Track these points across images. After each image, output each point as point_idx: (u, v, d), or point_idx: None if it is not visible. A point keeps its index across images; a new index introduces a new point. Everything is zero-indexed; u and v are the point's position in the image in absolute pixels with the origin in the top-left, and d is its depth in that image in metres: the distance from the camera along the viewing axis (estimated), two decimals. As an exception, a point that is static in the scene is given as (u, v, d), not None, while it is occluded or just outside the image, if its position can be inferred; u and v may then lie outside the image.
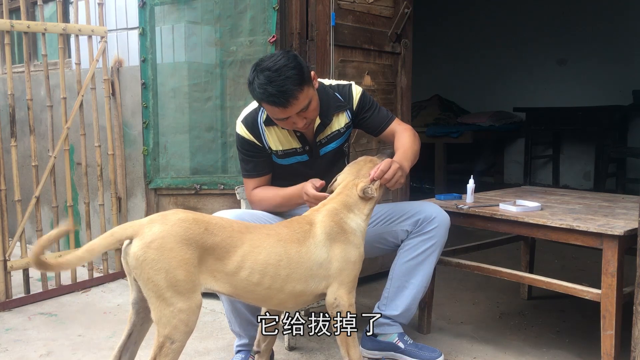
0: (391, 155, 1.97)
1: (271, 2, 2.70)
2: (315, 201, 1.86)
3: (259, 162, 2.05)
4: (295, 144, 2.04)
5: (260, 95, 1.82)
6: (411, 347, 2.10)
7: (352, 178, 1.84)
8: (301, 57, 1.89)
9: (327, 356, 2.22)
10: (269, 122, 2.01)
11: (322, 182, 1.91)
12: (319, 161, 2.08)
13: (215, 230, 1.56)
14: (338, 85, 2.12)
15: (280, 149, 2.04)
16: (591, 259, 3.46)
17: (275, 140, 2.03)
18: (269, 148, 2.04)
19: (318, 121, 2.02)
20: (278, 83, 1.77)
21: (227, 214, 1.92)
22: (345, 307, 1.71)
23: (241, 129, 2.03)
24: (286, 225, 1.72)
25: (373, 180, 1.80)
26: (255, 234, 1.63)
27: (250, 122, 2.03)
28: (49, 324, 2.61)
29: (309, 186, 1.90)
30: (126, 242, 1.51)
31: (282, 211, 2.09)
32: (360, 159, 1.94)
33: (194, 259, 1.51)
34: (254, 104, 2.05)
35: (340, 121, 2.09)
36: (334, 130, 2.08)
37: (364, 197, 1.79)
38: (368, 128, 2.17)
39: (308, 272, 1.66)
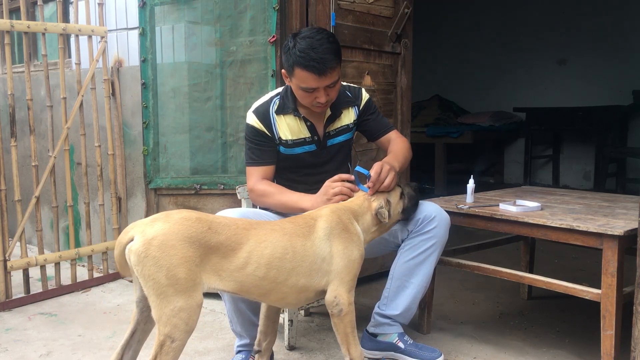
0: None
1: (271, 2, 2.70)
2: (340, 182, 1.91)
3: (266, 150, 2.08)
4: (305, 134, 2.09)
5: (300, 60, 1.89)
6: (411, 347, 2.10)
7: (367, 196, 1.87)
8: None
9: (327, 356, 2.22)
10: (280, 110, 2.07)
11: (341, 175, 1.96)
12: (325, 152, 2.13)
13: (219, 229, 1.56)
14: (348, 85, 2.23)
15: (290, 138, 2.08)
16: (591, 259, 3.46)
17: (285, 129, 2.07)
18: (279, 138, 2.07)
19: (329, 112, 2.10)
20: (320, 50, 1.88)
21: (232, 213, 1.93)
22: (345, 306, 1.72)
23: (252, 119, 2.07)
24: (290, 221, 1.73)
25: (374, 189, 1.86)
26: (260, 229, 1.64)
27: (262, 113, 2.07)
28: (49, 324, 2.61)
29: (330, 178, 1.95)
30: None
31: (281, 212, 2.09)
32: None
33: (196, 258, 1.51)
34: (266, 97, 2.11)
35: (350, 116, 2.18)
36: (343, 124, 2.16)
37: (376, 218, 1.84)
38: (368, 130, 2.25)
39: (312, 265, 1.67)
